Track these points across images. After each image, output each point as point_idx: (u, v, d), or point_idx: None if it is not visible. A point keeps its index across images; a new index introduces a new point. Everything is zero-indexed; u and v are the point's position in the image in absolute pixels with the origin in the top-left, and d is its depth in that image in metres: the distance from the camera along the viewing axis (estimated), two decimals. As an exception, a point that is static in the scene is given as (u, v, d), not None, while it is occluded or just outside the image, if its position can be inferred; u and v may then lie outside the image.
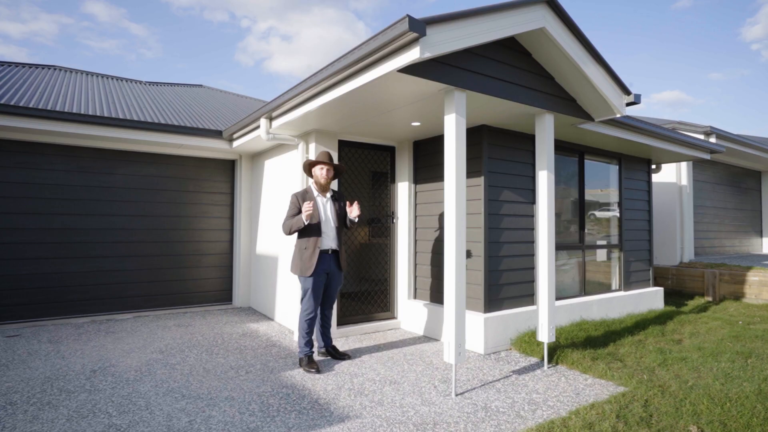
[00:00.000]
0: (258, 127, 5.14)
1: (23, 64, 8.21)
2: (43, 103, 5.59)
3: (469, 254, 4.71)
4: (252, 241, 6.76)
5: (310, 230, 3.96)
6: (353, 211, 4.10)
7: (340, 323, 5.10)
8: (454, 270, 3.40)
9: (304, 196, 4.03)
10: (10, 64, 8.01)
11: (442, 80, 3.33)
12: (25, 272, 5.50)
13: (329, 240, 4.04)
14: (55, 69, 8.74)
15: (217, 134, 6.14)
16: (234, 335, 5.08)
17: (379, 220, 5.62)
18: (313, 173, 4.12)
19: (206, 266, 6.68)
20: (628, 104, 4.27)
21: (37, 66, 8.43)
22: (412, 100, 3.85)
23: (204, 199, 6.68)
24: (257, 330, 5.34)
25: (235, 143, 6.10)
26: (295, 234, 4.08)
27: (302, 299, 4.00)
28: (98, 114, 5.56)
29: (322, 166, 4.06)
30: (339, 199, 4.21)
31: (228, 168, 6.89)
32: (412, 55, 2.95)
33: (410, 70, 3.16)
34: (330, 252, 4.04)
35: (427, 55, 2.96)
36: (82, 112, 5.51)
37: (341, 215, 4.17)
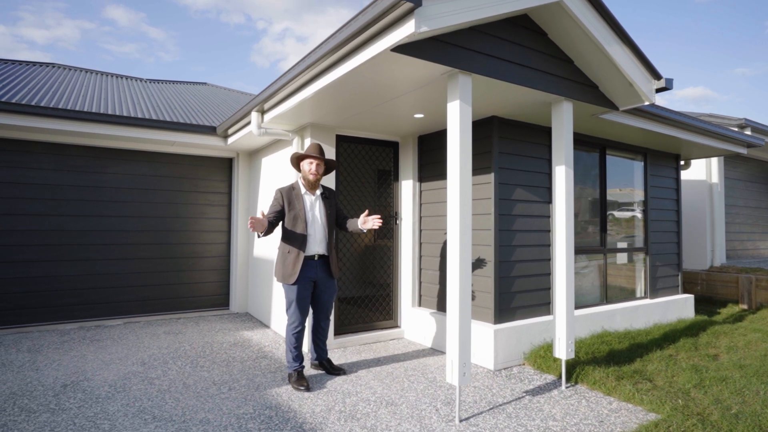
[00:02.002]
0: (249, 122, 4.78)
1: (20, 62, 8.03)
2: (29, 99, 5.32)
3: (480, 263, 4.26)
4: (249, 243, 6.42)
5: (293, 232, 3.54)
6: (368, 223, 3.59)
7: (337, 332, 4.71)
8: (458, 277, 2.98)
9: (289, 192, 3.61)
10: (5, 61, 7.83)
11: (445, 62, 2.92)
12: (11, 276, 5.25)
13: (316, 244, 3.59)
14: (52, 66, 8.55)
15: (210, 130, 5.81)
16: (224, 344, 4.73)
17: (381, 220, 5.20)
18: (301, 168, 3.70)
19: (202, 269, 6.36)
20: (658, 90, 3.78)
21: (34, 64, 8.24)
22: (412, 87, 3.44)
23: (200, 199, 6.36)
24: (250, 339, 4.98)
25: (230, 140, 5.76)
26: (279, 235, 3.67)
27: (287, 310, 3.59)
28: (86, 110, 5.28)
29: (311, 160, 3.61)
30: (330, 198, 3.78)
31: (225, 166, 6.56)
32: (407, 29, 2.55)
33: (407, 49, 2.76)
34: (317, 258, 3.60)
35: (424, 29, 2.55)
36: (70, 108, 5.24)
37: (332, 216, 3.75)
